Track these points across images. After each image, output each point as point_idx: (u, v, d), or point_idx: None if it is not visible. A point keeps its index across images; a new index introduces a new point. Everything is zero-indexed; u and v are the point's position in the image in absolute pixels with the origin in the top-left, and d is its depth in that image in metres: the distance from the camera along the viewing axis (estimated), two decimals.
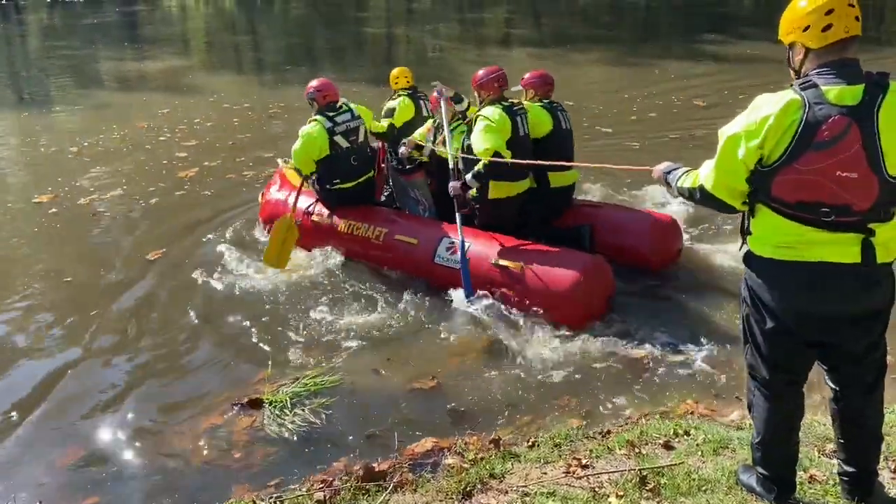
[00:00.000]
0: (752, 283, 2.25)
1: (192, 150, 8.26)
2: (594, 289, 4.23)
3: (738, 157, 2.12)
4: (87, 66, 14.78)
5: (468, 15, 21.46)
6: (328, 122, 5.12)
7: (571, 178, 5.07)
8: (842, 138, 1.98)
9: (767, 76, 10.33)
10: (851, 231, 2.04)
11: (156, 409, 3.65)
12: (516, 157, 4.54)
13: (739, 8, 21.56)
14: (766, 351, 2.29)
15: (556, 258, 4.29)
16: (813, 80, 2.06)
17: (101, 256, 5.60)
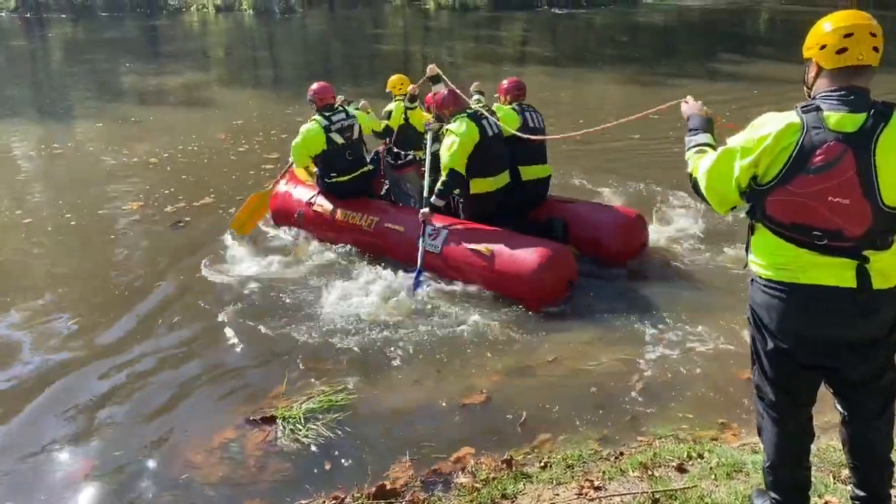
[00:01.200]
0: (752, 304, 2.25)
1: (208, 162, 8.35)
2: (555, 272, 4.65)
3: (730, 170, 2.17)
4: (108, 79, 14.98)
5: (484, 32, 21.58)
6: (325, 120, 5.68)
7: (544, 172, 5.53)
8: (835, 164, 1.99)
9: (782, 95, 10.35)
10: (845, 256, 2.05)
11: (168, 422, 3.67)
12: (492, 155, 5.17)
13: (756, 28, 21.55)
14: (769, 372, 2.29)
15: (522, 245, 4.76)
16: (817, 103, 2.08)
17: (116, 266, 5.67)
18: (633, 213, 5.41)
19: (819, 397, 2.34)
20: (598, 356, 4.11)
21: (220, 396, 3.89)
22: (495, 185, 5.25)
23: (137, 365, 4.26)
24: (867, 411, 2.27)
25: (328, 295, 4.94)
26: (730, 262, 5.20)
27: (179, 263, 5.63)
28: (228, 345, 4.44)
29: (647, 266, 5.29)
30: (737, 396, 3.69)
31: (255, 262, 5.57)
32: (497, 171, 5.25)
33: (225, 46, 22.13)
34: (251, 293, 5.05)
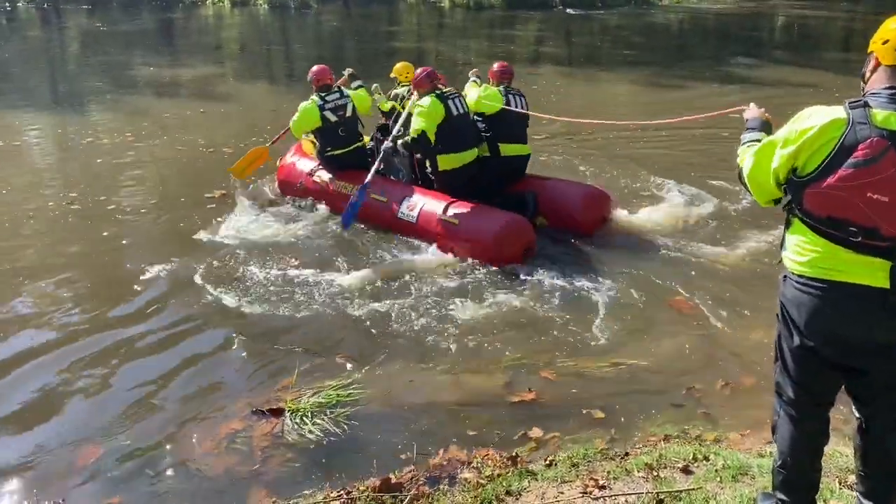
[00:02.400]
0: (783, 299, 2.26)
1: (220, 156, 8.39)
2: (512, 240, 5.24)
3: (770, 160, 2.19)
4: (123, 71, 15.06)
5: (498, 31, 21.55)
6: (320, 100, 6.38)
7: (523, 151, 6.10)
8: (877, 160, 1.98)
9: (797, 99, 10.27)
10: (879, 256, 2.03)
11: (175, 411, 3.70)
12: (456, 132, 5.75)
13: (770, 31, 21.43)
14: (792, 370, 2.29)
15: (485, 215, 5.40)
16: (867, 100, 2.08)
17: (123, 253, 5.72)
18: (598, 190, 6.04)
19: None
20: (606, 355, 4.11)
21: (228, 387, 3.91)
22: (461, 161, 5.83)
23: (144, 352, 4.30)
24: (887, 420, 2.26)
25: (341, 281, 5.03)
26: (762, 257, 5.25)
27: (190, 252, 5.67)
28: (238, 333, 4.47)
29: (645, 251, 5.38)
30: (746, 399, 3.70)
31: (267, 248, 5.68)
32: (463, 148, 5.83)
33: (239, 40, 22.19)
34: (263, 282, 5.10)
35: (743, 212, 6.22)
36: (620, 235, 5.84)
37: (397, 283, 5.10)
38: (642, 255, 5.48)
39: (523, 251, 5.27)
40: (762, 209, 2.60)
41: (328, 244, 5.81)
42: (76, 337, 4.48)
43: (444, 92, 5.82)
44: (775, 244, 5.57)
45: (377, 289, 5.02)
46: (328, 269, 5.32)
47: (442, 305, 4.76)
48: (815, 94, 10.94)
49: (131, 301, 4.93)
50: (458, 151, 5.80)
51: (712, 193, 6.62)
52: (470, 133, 5.92)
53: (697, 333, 4.38)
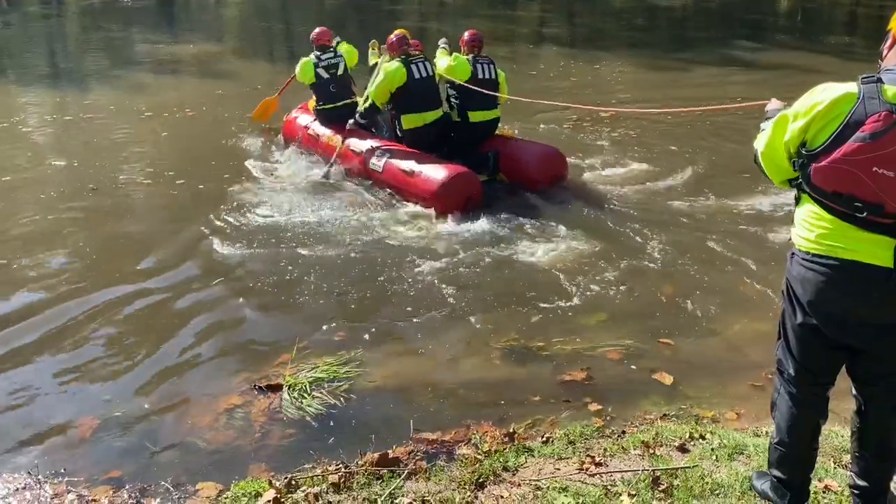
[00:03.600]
0: (788, 276, 2.27)
1: (220, 131, 8.36)
2: (455, 190, 5.80)
3: (783, 134, 2.19)
4: (122, 48, 14.97)
5: (501, 12, 21.38)
6: (315, 58, 7.07)
7: (491, 115, 6.57)
8: (883, 134, 1.97)
9: (800, 83, 10.22)
10: (885, 234, 2.03)
11: (174, 385, 3.72)
12: (419, 94, 6.32)
13: (775, 16, 21.28)
14: (794, 347, 2.30)
15: (436, 167, 5.94)
16: (880, 75, 2.07)
17: (124, 228, 5.73)
18: (552, 150, 6.54)
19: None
20: (601, 336, 4.13)
21: (227, 361, 3.93)
22: (423, 121, 6.39)
23: (144, 324, 4.31)
24: (886, 402, 2.27)
25: (343, 251, 5.16)
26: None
27: (189, 226, 5.70)
28: (238, 308, 4.50)
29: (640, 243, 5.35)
30: (744, 379, 3.71)
31: (267, 219, 5.82)
32: (425, 109, 6.39)
33: (240, 18, 22.02)
34: (263, 256, 5.16)
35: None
36: (617, 212, 5.99)
37: (392, 256, 5.18)
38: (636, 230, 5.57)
39: (465, 201, 5.84)
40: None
41: (325, 216, 5.92)
42: (75, 307, 4.48)
43: (410, 56, 6.38)
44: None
45: (374, 262, 5.08)
46: (324, 242, 5.38)
47: (437, 280, 4.79)
48: (818, 78, 10.58)
49: (131, 274, 4.93)
50: (419, 112, 6.38)
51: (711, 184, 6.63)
52: (432, 95, 6.47)
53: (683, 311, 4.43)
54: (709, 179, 6.71)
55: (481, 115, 6.51)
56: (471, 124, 6.52)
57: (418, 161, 6.09)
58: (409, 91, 6.30)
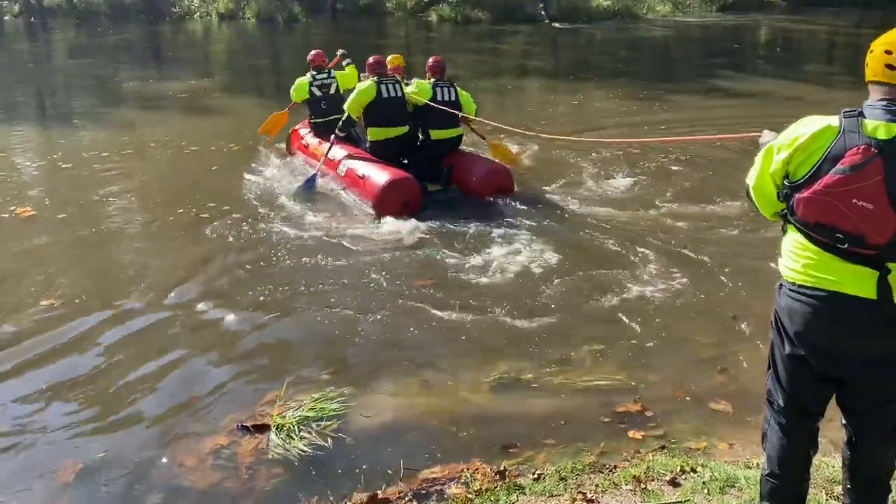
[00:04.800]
0: (777, 307, 2.28)
1: (206, 168, 8.37)
2: (392, 194, 6.46)
3: (769, 166, 2.23)
4: (110, 84, 15.02)
5: (486, 45, 21.66)
6: (311, 77, 7.98)
7: (452, 134, 7.29)
8: (862, 167, 2.00)
9: (781, 111, 10.39)
10: (867, 265, 2.05)
11: (160, 425, 3.66)
12: (386, 111, 7.08)
13: (755, 44, 21.66)
14: (783, 378, 2.30)
15: (382, 173, 6.64)
16: (862, 109, 2.11)
17: (110, 267, 5.66)
18: (498, 166, 7.23)
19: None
20: (593, 370, 4.10)
21: (215, 400, 3.86)
22: (386, 135, 7.13)
23: (128, 363, 4.24)
24: (876, 433, 2.27)
25: (328, 283, 5.17)
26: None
27: (178, 260, 5.67)
28: (226, 346, 4.44)
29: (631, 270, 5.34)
30: (737, 410, 3.70)
31: (253, 249, 5.86)
32: (389, 125, 7.12)
33: (227, 54, 22.20)
34: (250, 291, 5.13)
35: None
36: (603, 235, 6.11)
37: (376, 286, 5.19)
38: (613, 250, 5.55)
39: (402, 205, 6.47)
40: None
41: (309, 242, 5.99)
42: (55, 343, 4.43)
43: (382, 78, 7.13)
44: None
45: (360, 294, 5.08)
46: (310, 274, 5.38)
47: (426, 312, 4.77)
48: (800, 105, 11.05)
49: (117, 308, 4.90)
50: (384, 127, 7.12)
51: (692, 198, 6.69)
52: (398, 114, 7.16)
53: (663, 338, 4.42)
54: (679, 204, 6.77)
55: (442, 134, 7.25)
56: (433, 141, 7.24)
57: (369, 167, 6.82)
58: (378, 107, 7.08)
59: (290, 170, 7.98)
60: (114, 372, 4.16)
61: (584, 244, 5.96)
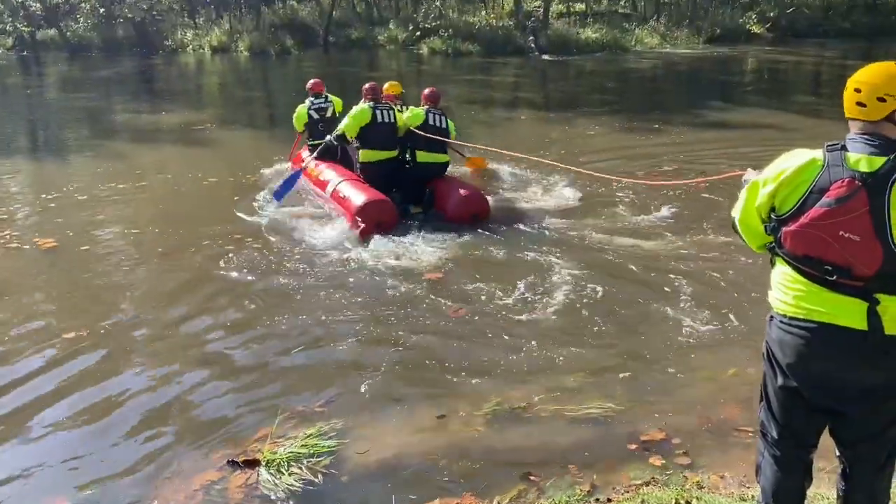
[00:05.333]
0: (768, 339, 2.29)
1: (201, 198, 8.38)
2: (366, 214, 6.80)
3: (755, 199, 2.25)
4: (103, 117, 15.07)
5: (477, 77, 21.87)
6: (310, 103, 8.67)
7: (438, 159, 7.67)
8: (848, 200, 2.04)
9: (768, 141, 10.51)
10: (856, 296, 2.07)
11: (148, 461, 3.61)
12: (378, 135, 7.50)
13: (742, 76, 21.97)
14: (776, 410, 2.30)
15: (361, 193, 7.07)
16: (844, 143, 2.14)
17: (100, 302, 5.60)
18: (475, 192, 7.45)
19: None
20: (585, 399, 4.08)
21: (205, 435, 3.82)
22: (377, 157, 7.56)
23: (119, 396, 4.20)
24: (870, 464, 2.26)
25: (317, 313, 5.18)
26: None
27: (169, 295, 5.63)
28: (219, 379, 4.41)
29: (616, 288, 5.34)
30: (732, 442, 3.68)
31: (249, 289, 5.73)
32: (382, 148, 7.56)
33: (220, 86, 22.35)
34: (241, 323, 5.11)
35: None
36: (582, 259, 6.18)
37: (366, 316, 5.20)
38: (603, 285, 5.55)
39: (374, 225, 6.78)
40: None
41: (306, 276, 5.97)
42: (43, 378, 4.38)
43: (377, 103, 7.60)
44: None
45: (349, 325, 5.07)
46: (299, 305, 5.38)
47: (419, 344, 4.78)
48: (786, 135, 11.18)
49: (109, 342, 4.86)
50: (375, 149, 7.55)
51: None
52: (389, 138, 7.59)
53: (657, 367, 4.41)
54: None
55: (429, 157, 7.61)
56: (418, 164, 7.60)
57: (351, 188, 7.28)
58: (371, 131, 7.50)
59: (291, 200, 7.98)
60: (103, 406, 4.12)
61: (597, 270, 5.91)
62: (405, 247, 6.52)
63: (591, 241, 6.67)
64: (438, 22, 29.70)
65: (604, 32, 28.33)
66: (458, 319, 5.12)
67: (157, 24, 32.50)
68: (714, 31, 29.72)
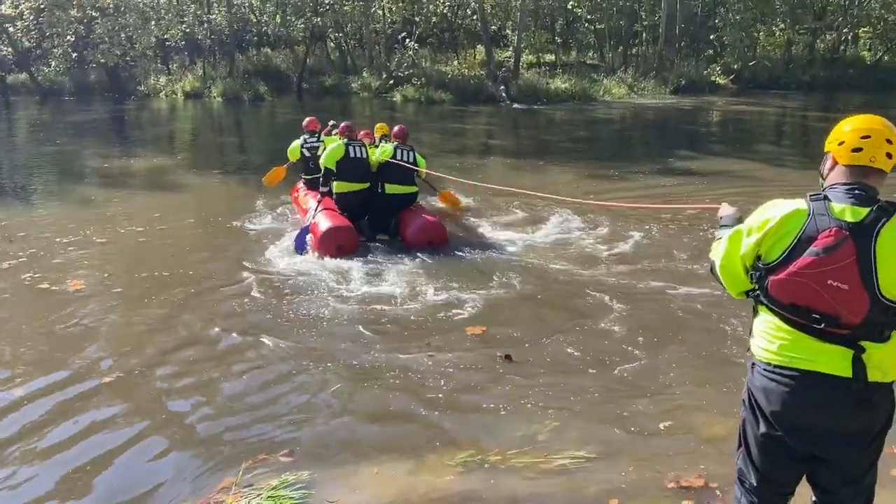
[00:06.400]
0: (751, 386, 2.30)
1: (172, 245, 8.28)
2: (327, 238, 7.61)
3: (738, 249, 2.28)
4: (73, 162, 14.93)
5: (449, 125, 22.15)
6: (303, 140, 9.53)
7: (406, 190, 8.46)
8: (836, 249, 2.08)
9: (734, 189, 10.72)
10: (842, 344, 2.10)
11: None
12: (350, 168, 8.28)
13: (707, 125, 22.52)
14: (756, 457, 2.30)
15: (328, 220, 7.83)
16: (826, 193, 2.20)
17: (61, 348, 5.46)
18: (432, 222, 8.08)
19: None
20: (559, 450, 4.03)
21: (167, 486, 3.70)
22: (349, 188, 8.32)
23: (78, 448, 4.07)
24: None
25: (286, 363, 5.09)
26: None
27: (131, 342, 5.51)
28: (181, 426, 4.30)
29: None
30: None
31: (216, 329, 5.72)
32: (354, 180, 8.33)
33: (192, 132, 22.32)
34: (209, 369, 5.02)
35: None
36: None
37: (333, 360, 5.15)
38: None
39: (335, 248, 7.58)
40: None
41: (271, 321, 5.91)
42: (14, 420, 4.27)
43: (351, 140, 8.36)
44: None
45: (315, 372, 5.00)
46: (273, 355, 5.26)
47: (389, 388, 4.71)
48: (753, 183, 11.41)
49: (65, 388, 4.75)
50: (348, 181, 8.31)
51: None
52: (361, 171, 8.36)
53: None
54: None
55: (396, 188, 8.39)
56: (387, 195, 8.37)
57: (323, 214, 7.99)
58: (344, 165, 8.26)
59: (258, 243, 8.11)
60: (62, 455, 3.99)
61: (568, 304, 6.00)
62: (368, 273, 7.10)
63: (555, 272, 6.74)
64: (411, 70, 30.14)
65: (573, 83, 28.96)
66: (430, 362, 5.07)
67: (129, 70, 32.50)
68: (680, 82, 30.59)
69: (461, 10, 37.20)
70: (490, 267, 7.21)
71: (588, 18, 38.56)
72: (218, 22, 32.65)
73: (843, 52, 35.54)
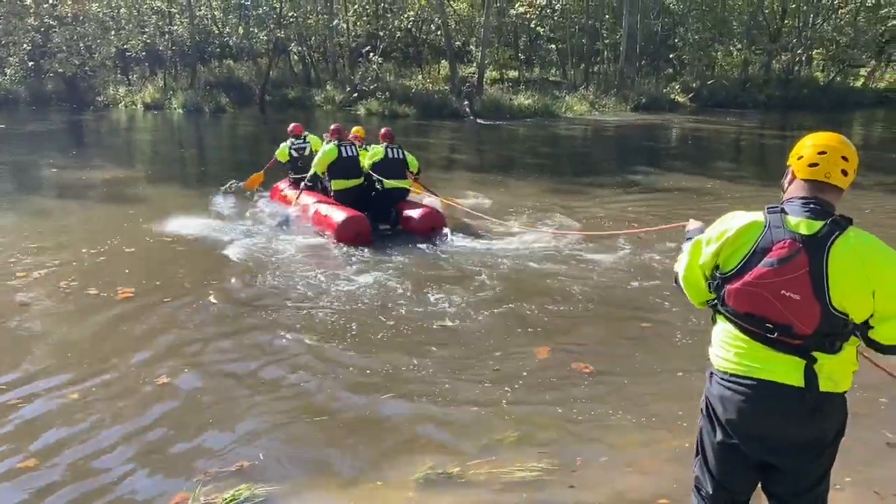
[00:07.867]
0: (708, 395, 2.34)
1: (129, 258, 8.11)
2: (346, 227, 8.52)
3: (698, 258, 2.34)
4: (29, 173, 14.58)
5: (413, 139, 22.16)
6: (290, 143, 10.85)
7: (402, 184, 9.38)
8: (789, 260, 2.13)
9: (694, 204, 10.92)
10: (795, 354, 2.15)
11: None
12: (345, 167, 9.33)
13: (667, 142, 22.93)
14: (712, 465, 2.32)
15: (340, 212, 8.72)
16: (784, 206, 2.25)
17: (11, 358, 5.33)
18: (431, 210, 9.15)
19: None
20: (522, 460, 4.02)
21: (115, 500, 3.59)
22: (346, 185, 9.34)
23: (25, 466, 3.92)
24: None
25: (261, 371, 5.02)
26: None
27: (83, 351, 5.39)
28: (132, 438, 4.19)
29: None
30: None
31: (170, 336, 5.60)
32: (348, 177, 9.35)
33: (152, 143, 21.98)
34: (164, 378, 4.89)
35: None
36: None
37: (291, 370, 5.08)
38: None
39: (355, 235, 8.49)
40: None
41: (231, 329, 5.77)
42: None
43: (341, 142, 9.38)
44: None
45: (273, 382, 4.94)
46: (222, 361, 5.22)
47: (348, 399, 4.68)
48: (711, 199, 11.64)
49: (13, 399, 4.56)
50: (344, 179, 9.34)
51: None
52: (354, 169, 9.38)
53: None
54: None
55: (392, 183, 9.28)
56: (386, 190, 9.26)
57: (332, 207, 8.91)
58: (339, 165, 9.26)
59: (215, 253, 7.89)
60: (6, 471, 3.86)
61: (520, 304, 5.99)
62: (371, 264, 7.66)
63: (531, 273, 6.73)
64: (376, 84, 30.16)
65: (535, 99, 29.29)
66: (394, 373, 5.04)
67: (88, 80, 31.92)
68: (640, 100, 31.16)
69: (425, 26, 37.42)
70: (464, 271, 7.36)
71: (550, 37, 39.07)
72: (179, 33, 32.32)
73: (798, 72, 36.53)
